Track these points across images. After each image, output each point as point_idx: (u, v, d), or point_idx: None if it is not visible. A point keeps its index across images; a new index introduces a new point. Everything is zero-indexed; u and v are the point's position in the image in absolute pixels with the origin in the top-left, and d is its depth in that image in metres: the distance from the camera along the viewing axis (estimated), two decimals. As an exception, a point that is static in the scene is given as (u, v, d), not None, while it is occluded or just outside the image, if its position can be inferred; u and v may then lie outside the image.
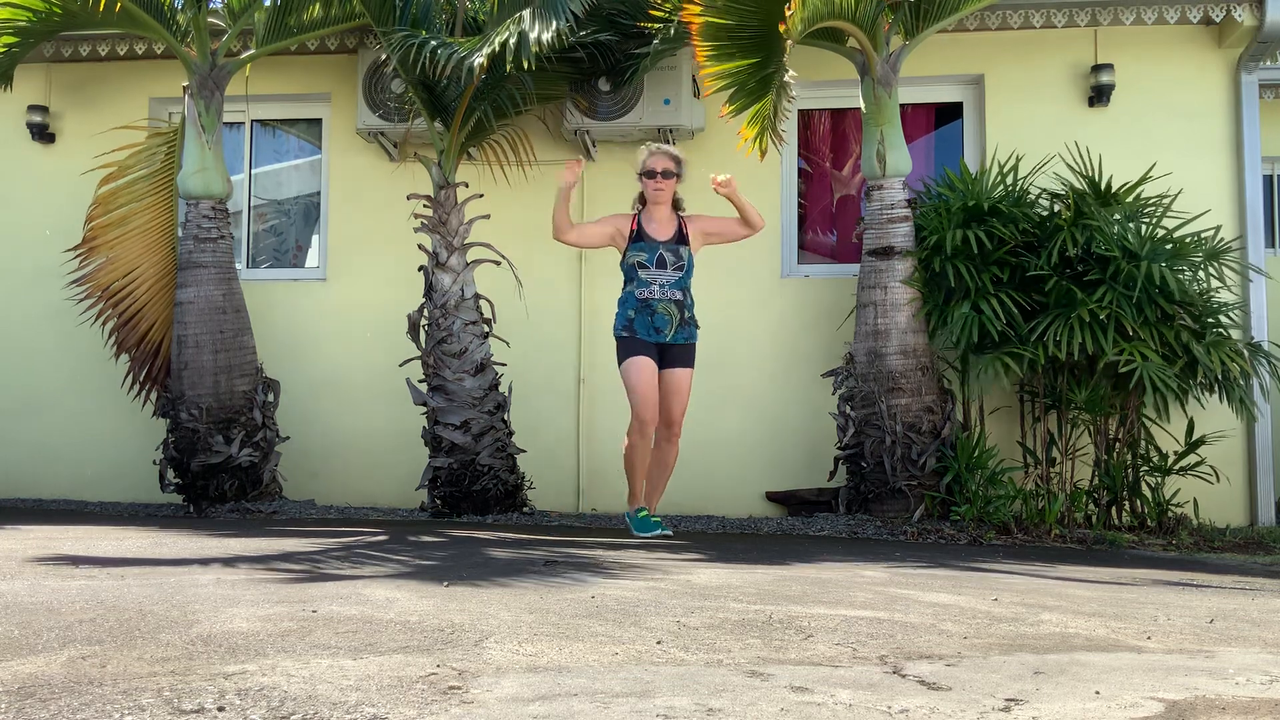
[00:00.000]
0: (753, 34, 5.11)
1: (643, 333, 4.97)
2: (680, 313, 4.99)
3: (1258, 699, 1.94)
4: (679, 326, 4.99)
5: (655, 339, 4.97)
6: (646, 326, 4.96)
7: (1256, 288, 6.17)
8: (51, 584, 3.04)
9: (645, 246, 4.99)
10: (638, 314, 4.97)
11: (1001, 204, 5.79)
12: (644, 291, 4.97)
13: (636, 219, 5.07)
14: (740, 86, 5.23)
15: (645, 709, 1.77)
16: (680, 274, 5.01)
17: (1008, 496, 5.48)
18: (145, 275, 6.54)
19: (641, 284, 4.98)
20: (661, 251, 4.99)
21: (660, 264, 4.98)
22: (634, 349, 4.96)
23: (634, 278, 5.01)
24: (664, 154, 5.05)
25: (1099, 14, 6.28)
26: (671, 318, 4.96)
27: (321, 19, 6.33)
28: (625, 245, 5.03)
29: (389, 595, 2.92)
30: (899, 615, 2.80)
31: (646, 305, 4.96)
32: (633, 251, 5.01)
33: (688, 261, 5.04)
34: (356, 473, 6.73)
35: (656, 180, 5.00)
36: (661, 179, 4.99)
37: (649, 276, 4.97)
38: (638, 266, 4.99)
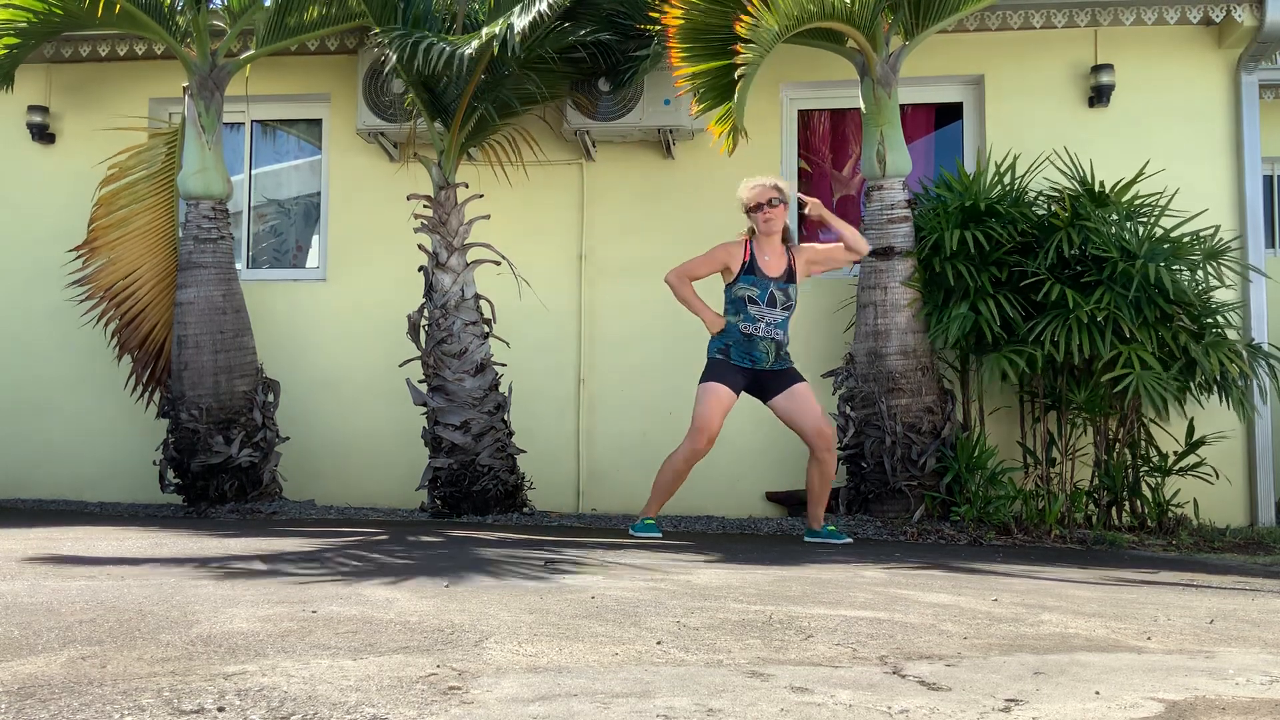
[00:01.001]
0: (726, 36, 5.18)
1: (737, 359, 4.91)
2: (777, 350, 4.92)
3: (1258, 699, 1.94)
4: (775, 360, 4.92)
5: (749, 366, 4.92)
6: (743, 355, 4.91)
7: (1256, 288, 6.17)
8: (51, 584, 3.04)
9: (758, 282, 4.90)
10: (735, 344, 4.92)
11: (999, 204, 5.79)
12: (749, 327, 4.89)
13: (749, 248, 4.96)
14: (710, 87, 5.32)
15: (645, 709, 1.77)
16: (787, 314, 4.94)
17: (1008, 497, 5.48)
18: (147, 276, 6.54)
19: (749, 319, 4.89)
20: (773, 289, 4.90)
21: (771, 302, 4.90)
22: (721, 374, 4.90)
23: (741, 311, 4.91)
24: (766, 187, 4.94)
25: (1099, 14, 6.28)
26: (769, 353, 4.90)
27: (321, 19, 6.32)
28: (736, 274, 4.94)
29: (389, 595, 2.92)
30: (899, 615, 2.80)
31: (749, 339, 4.89)
32: (743, 284, 4.91)
33: (795, 300, 4.98)
34: (356, 473, 6.73)
35: (765, 211, 4.88)
36: (769, 209, 4.89)
37: (757, 314, 4.89)
38: (747, 301, 4.89)
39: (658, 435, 6.58)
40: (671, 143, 6.54)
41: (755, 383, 4.95)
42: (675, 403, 6.59)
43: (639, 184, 6.72)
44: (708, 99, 5.34)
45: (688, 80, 5.35)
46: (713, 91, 5.34)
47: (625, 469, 6.59)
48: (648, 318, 6.65)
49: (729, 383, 4.89)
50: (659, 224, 6.67)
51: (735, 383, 4.91)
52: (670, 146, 6.56)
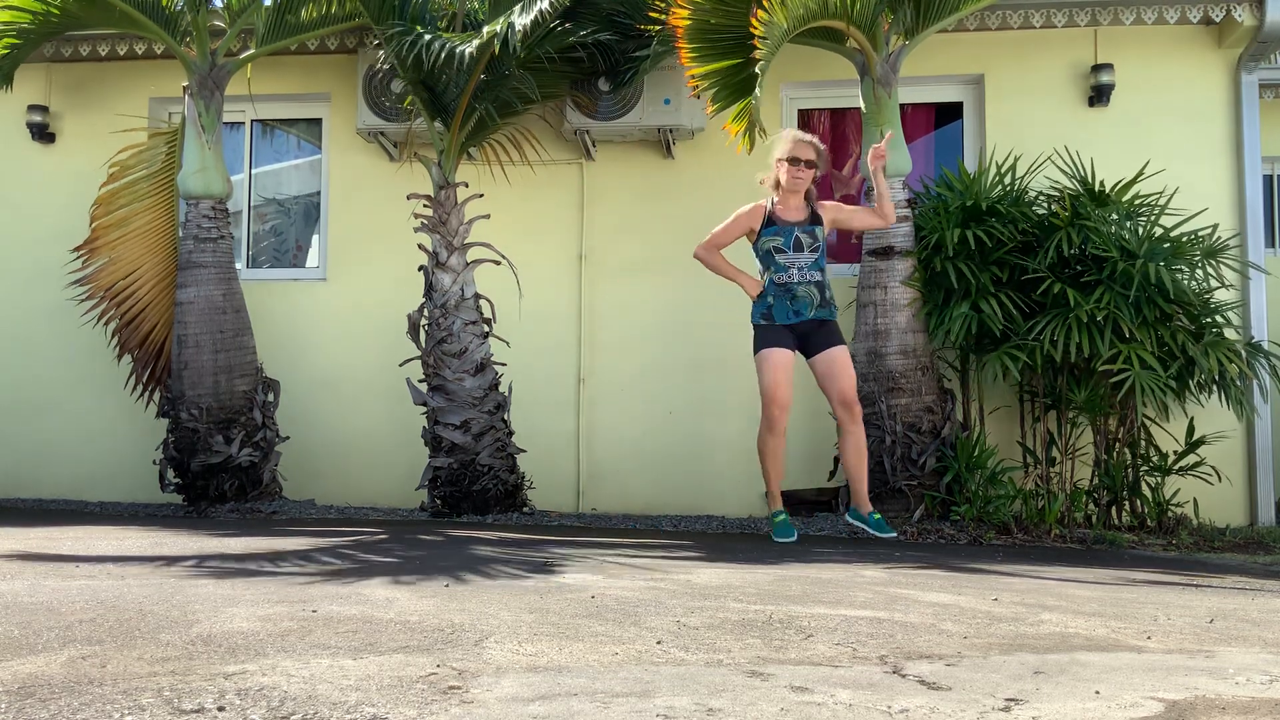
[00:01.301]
0: (736, 35, 5.18)
1: (780, 317, 4.92)
2: (820, 293, 4.93)
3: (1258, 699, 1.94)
4: (819, 306, 4.93)
5: (794, 320, 4.92)
6: (785, 310, 4.92)
7: (1256, 287, 6.17)
8: (51, 584, 3.04)
9: (780, 230, 4.95)
10: (777, 299, 4.93)
11: (1000, 204, 5.79)
12: (782, 276, 4.92)
13: (768, 206, 5.03)
14: (723, 86, 5.32)
15: (645, 709, 1.77)
16: (817, 255, 4.94)
17: (1008, 496, 5.48)
18: (147, 276, 6.54)
19: (779, 269, 4.93)
20: (797, 234, 4.93)
21: (797, 246, 4.92)
22: (769, 339, 4.92)
23: (771, 262, 4.94)
24: (808, 144, 4.99)
25: (1099, 14, 6.28)
26: (812, 299, 4.91)
27: (321, 18, 6.33)
28: (758, 232, 4.98)
29: (389, 595, 2.92)
30: (899, 615, 2.80)
31: (786, 289, 4.91)
32: (766, 236, 4.96)
33: (823, 242, 4.98)
34: (356, 473, 6.73)
35: (799, 168, 4.94)
36: (805, 168, 4.95)
37: (786, 260, 4.92)
38: (774, 251, 4.93)
39: (658, 434, 6.58)
40: (671, 142, 6.54)
41: (801, 337, 4.96)
42: (675, 402, 6.60)
43: (639, 184, 6.72)
44: (721, 98, 5.33)
45: (699, 80, 5.34)
46: (725, 91, 5.33)
47: (625, 468, 6.59)
48: (648, 317, 6.65)
49: (782, 345, 4.91)
50: (659, 224, 6.67)
51: (787, 343, 4.93)
52: (670, 146, 6.56)
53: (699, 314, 6.59)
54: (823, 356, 4.95)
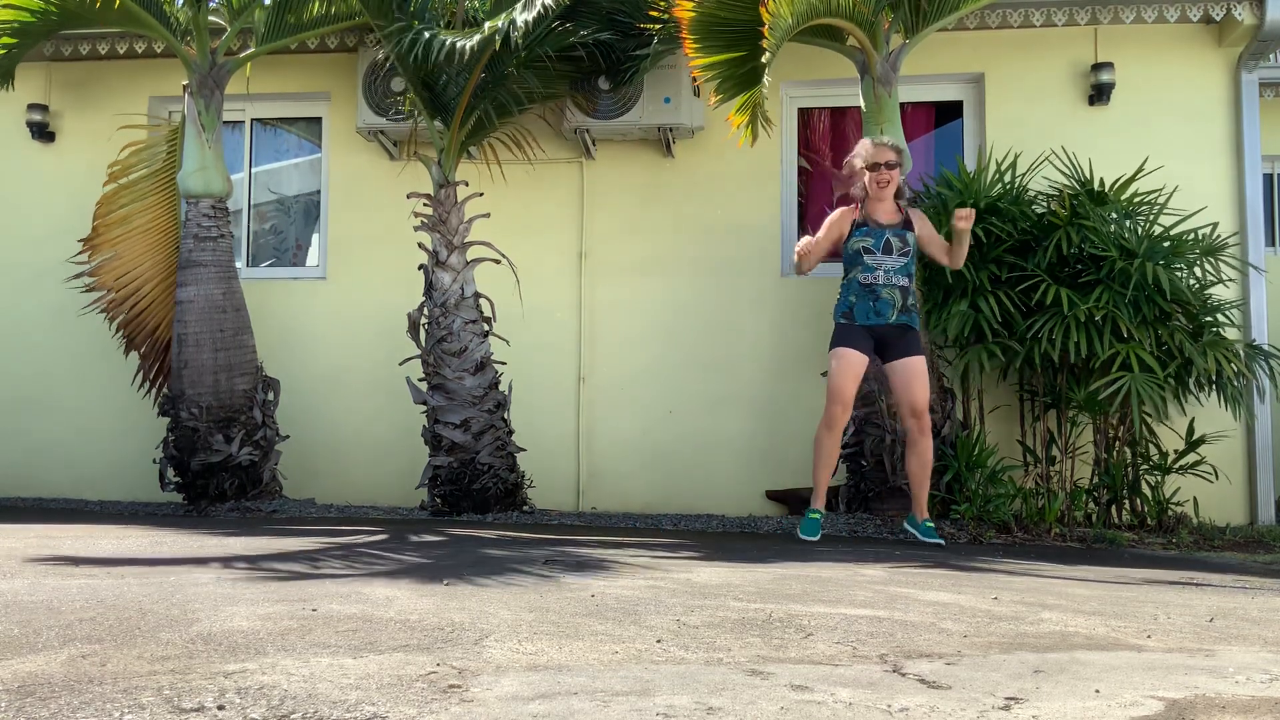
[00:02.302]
0: (740, 27, 5.18)
1: (861, 318, 4.93)
2: (904, 298, 4.93)
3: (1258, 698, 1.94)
4: (901, 311, 4.93)
5: (875, 322, 4.92)
6: (867, 311, 4.92)
7: (1256, 287, 6.17)
8: (51, 583, 3.04)
9: (871, 231, 4.95)
10: (859, 299, 4.93)
11: (999, 202, 5.79)
12: (868, 276, 4.92)
13: (860, 209, 5.02)
14: (728, 77, 5.30)
15: (645, 708, 1.77)
16: (906, 259, 4.94)
17: (1008, 495, 5.48)
18: (150, 274, 6.55)
19: (866, 269, 4.92)
20: (888, 236, 4.93)
21: (887, 249, 4.92)
22: (846, 338, 4.93)
23: (859, 263, 4.94)
24: (886, 146, 5.01)
25: (1099, 12, 6.28)
26: (895, 302, 4.91)
27: (321, 17, 6.32)
28: (848, 233, 4.98)
29: (389, 594, 2.92)
30: (899, 614, 2.80)
31: (870, 290, 4.92)
32: (857, 237, 4.95)
33: (913, 248, 4.98)
34: (356, 471, 6.73)
35: (881, 173, 4.94)
36: (885, 170, 4.95)
37: (874, 262, 4.92)
38: (863, 252, 4.93)
39: (658, 433, 6.58)
40: (672, 141, 6.54)
41: (880, 341, 4.97)
42: (675, 401, 6.60)
43: (639, 183, 6.72)
44: (724, 90, 5.32)
45: (703, 71, 5.33)
46: (729, 83, 5.32)
47: (625, 467, 6.59)
48: (648, 316, 6.65)
49: (857, 346, 4.92)
50: (659, 223, 6.67)
51: (863, 345, 4.93)
52: (670, 145, 6.56)
53: (699, 313, 6.59)
54: (900, 364, 4.94)
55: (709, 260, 6.62)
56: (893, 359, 4.97)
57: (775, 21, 4.94)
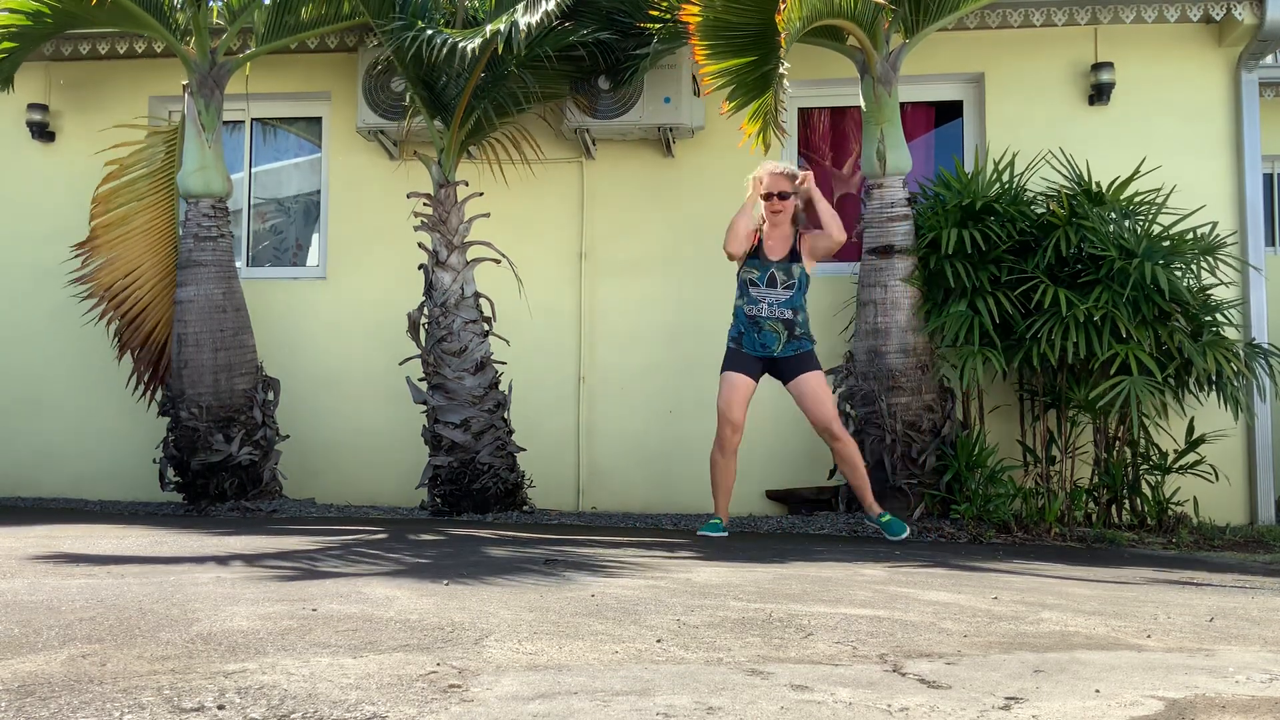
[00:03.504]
0: (750, 32, 5.13)
1: (749, 347, 5.05)
2: (789, 330, 5.02)
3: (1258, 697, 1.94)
4: (787, 342, 5.02)
5: (762, 353, 5.04)
6: (754, 343, 5.04)
7: (1256, 286, 6.17)
8: (51, 582, 3.04)
9: (758, 265, 5.06)
10: (746, 330, 5.05)
11: (998, 203, 5.79)
12: (752, 309, 5.04)
13: (758, 235, 5.11)
14: (739, 84, 5.25)
15: (645, 707, 1.77)
16: (791, 292, 5.03)
17: (1008, 495, 5.48)
18: (148, 274, 6.54)
19: (751, 301, 5.05)
20: (773, 270, 5.04)
21: (770, 283, 5.03)
22: (733, 363, 5.07)
23: (745, 294, 5.07)
24: (780, 174, 5.07)
25: (1099, 12, 6.28)
26: (779, 335, 5.01)
27: (321, 17, 6.32)
28: (745, 257, 5.08)
29: (389, 594, 2.92)
30: (899, 614, 2.80)
31: (754, 322, 5.03)
32: (747, 267, 5.08)
33: (799, 280, 5.06)
34: (356, 471, 6.73)
35: (774, 203, 5.03)
36: (778, 201, 5.03)
37: (758, 295, 5.03)
38: (749, 284, 5.05)
39: (658, 433, 6.58)
40: (672, 141, 6.54)
41: (773, 367, 5.08)
42: (675, 401, 6.60)
43: (639, 182, 6.72)
44: (737, 97, 5.27)
45: (713, 78, 5.28)
46: (741, 89, 5.27)
47: (625, 467, 6.59)
48: (648, 316, 6.65)
49: (745, 370, 5.05)
50: (659, 222, 6.67)
51: (750, 369, 5.05)
52: (670, 145, 6.56)
53: (699, 312, 6.59)
54: (798, 383, 5.05)
55: (709, 260, 6.60)
56: (790, 379, 5.06)
57: (787, 27, 4.90)
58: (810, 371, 5.04)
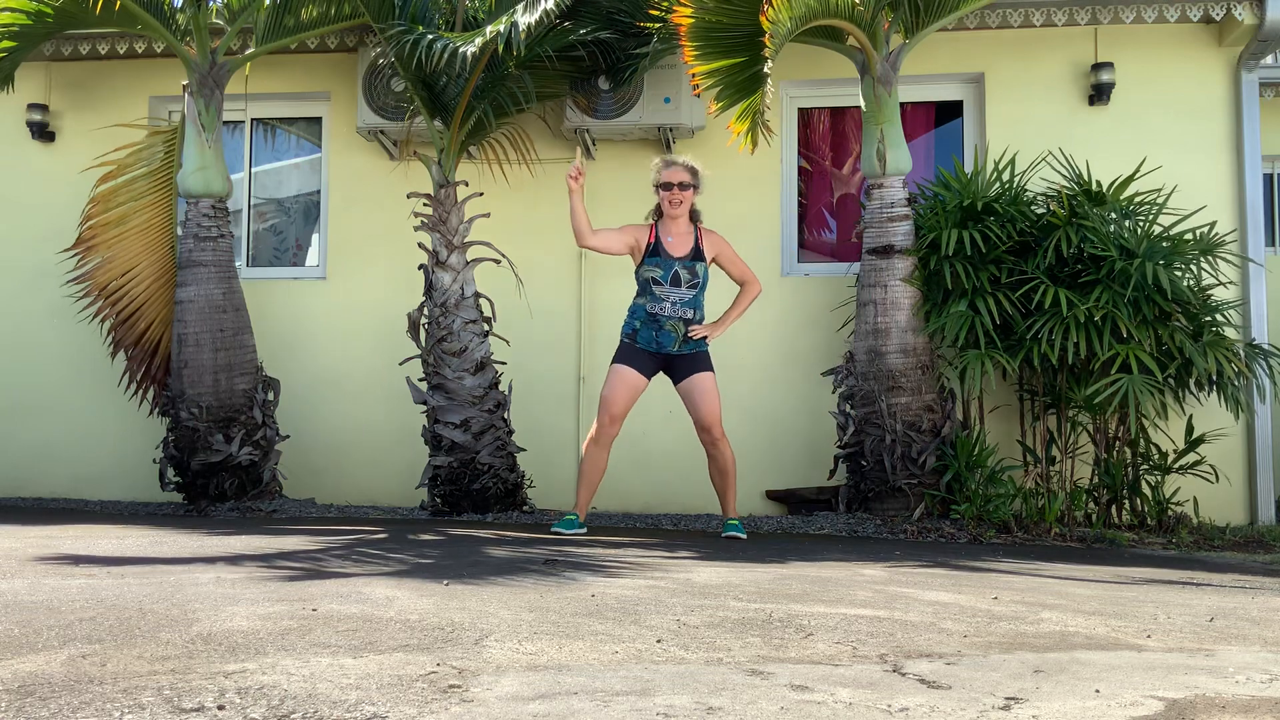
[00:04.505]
0: (740, 33, 5.16)
1: (644, 343, 4.98)
2: (687, 330, 4.97)
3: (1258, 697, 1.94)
4: (684, 342, 4.97)
5: (657, 350, 4.98)
6: (650, 339, 4.97)
7: (1256, 286, 6.17)
8: (51, 583, 3.04)
9: (661, 262, 4.97)
10: (644, 326, 4.98)
11: (998, 203, 5.79)
12: (655, 307, 4.95)
13: (654, 231, 5.04)
14: (728, 84, 5.28)
15: (645, 707, 1.77)
16: (694, 292, 4.98)
17: (1008, 495, 5.48)
18: (144, 274, 6.54)
19: (654, 299, 4.96)
20: (677, 268, 4.96)
21: (675, 281, 4.95)
22: (627, 356, 5.00)
23: (647, 292, 4.98)
24: (679, 166, 5.03)
25: (1099, 12, 6.28)
26: (677, 334, 4.95)
27: (321, 18, 6.32)
28: (642, 257, 5.01)
29: (389, 594, 2.92)
30: (899, 614, 2.80)
31: (654, 320, 4.96)
32: (648, 266, 4.98)
33: (702, 278, 5.01)
34: (356, 471, 6.73)
35: (674, 193, 4.98)
36: (678, 191, 4.98)
37: (662, 294, 4.95)
38: (652, 282, 4.96)
39: (657, 433, 6.58)
40: (672, 141, 6.54)
41: (667, 365, 5.03)
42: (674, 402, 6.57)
43: (639, 182, 6.69)
44: (725, 98, 5.30)
45: (703, 79, 5.30)
46: (729, 90, 5.29)
47: (625, 468, 6.58)
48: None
49: (636, 366, 4.98)
50: (659, 222, 6.66)
51: (643, 366, 4.99)
52: (670, 145, 6.56)
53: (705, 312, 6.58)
54: (688, 383, 4.99)
55: (709, 260, 6.62)
56: (681, 379, 5.01)
57: (774, 28, 4.92)
58: (704, 372, 4.98)
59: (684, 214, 5.03)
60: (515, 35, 5.27)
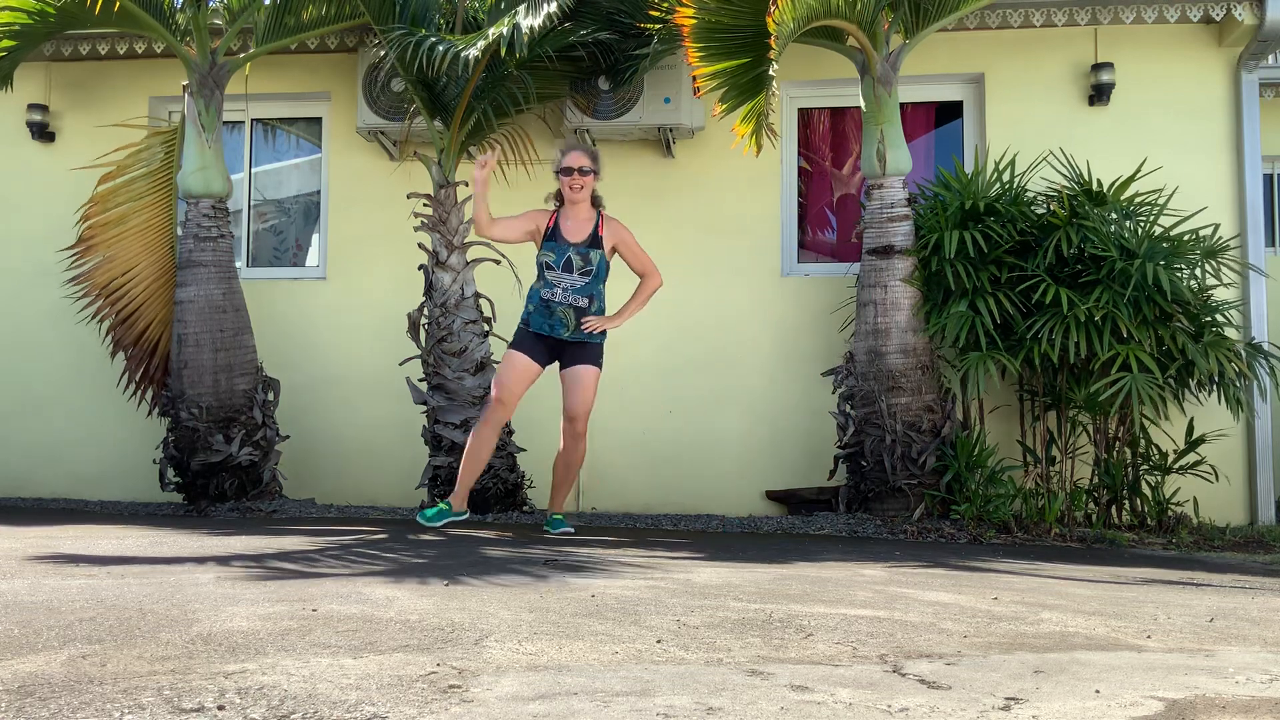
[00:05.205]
0: (743, 34, 5.14)
1: (536, 326, 4.98)
2: (577, 319, 4.94)
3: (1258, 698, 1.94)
4: (576, 329, 4.96)
5: (549, 334, 4.97)
6: (542, 324, 4.97)
7: (1256, 287, 6.17)
8: (51, 583, 3.04)
9: (555, 247, 4.96)
10: (537, 310, 4.98)
11: (998, 203, 5.79)
12: (547, 293, 4.94)
13: (555, 216, 5.04)
14: (732, 86, 5.27)
15: (645, 708, 1.77)
16: (587, 279, 4.94)
17: (1008, 495, 5.48)
18: (143, 274, 6.53)
19: (547, 285, 4.95)
20: (571, 254, 4.94)
21: (567, 267, 4.94)
22: (520, 343, 5.00)
23: (541, 276, 4.99)
24: (581, 151, 5.04)
25: (1099, 12, 6.28)
26: (568, 321, 4.93)
27: (321, 18, 6.32)
28: (540, 241, 5.02)
29: (389, 594, 2.92)
30: (899, 614, 2.80)
31: (546, 305, 4.95)
32: (544, 250, 4.99)
33: (598, 266, 4.97)
34: (356, 472, 6.73)
35: (574, 178, 4.95)
36: (579, 176, 4.96)
37: (554, 279, 4.93)
38: (545, 267, 4.96)
39: (657, 433, 6.58)
40: (671, 141, 6.54)
41: (559, 351, 5.03)
42: (675, 401, 6.60)
43: (639, 182, 6.72)
44: (729, 99, 5.27)
45: (706, 80, 5.28)
46: (734, 91, 5.27)
47: (625, 467, 6.59)
48: (647, 316, 6.60)
49: (529, 351, 4.99)
50: (659, 223, 6.66)
51: (536, 352, 4.99)
52: (670, 145, 6.56)
53: (698, 312, 6.59)
54: (568, 372, 5.00)
55: (709, 260, 6.62)
56: (568, 365, 5.02)
57: (779, 29, 4.91)
58: (589, 365, 4.97)
59: (585, 199, 5.01)
60: (518, 38, 5.26)
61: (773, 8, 4.85)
